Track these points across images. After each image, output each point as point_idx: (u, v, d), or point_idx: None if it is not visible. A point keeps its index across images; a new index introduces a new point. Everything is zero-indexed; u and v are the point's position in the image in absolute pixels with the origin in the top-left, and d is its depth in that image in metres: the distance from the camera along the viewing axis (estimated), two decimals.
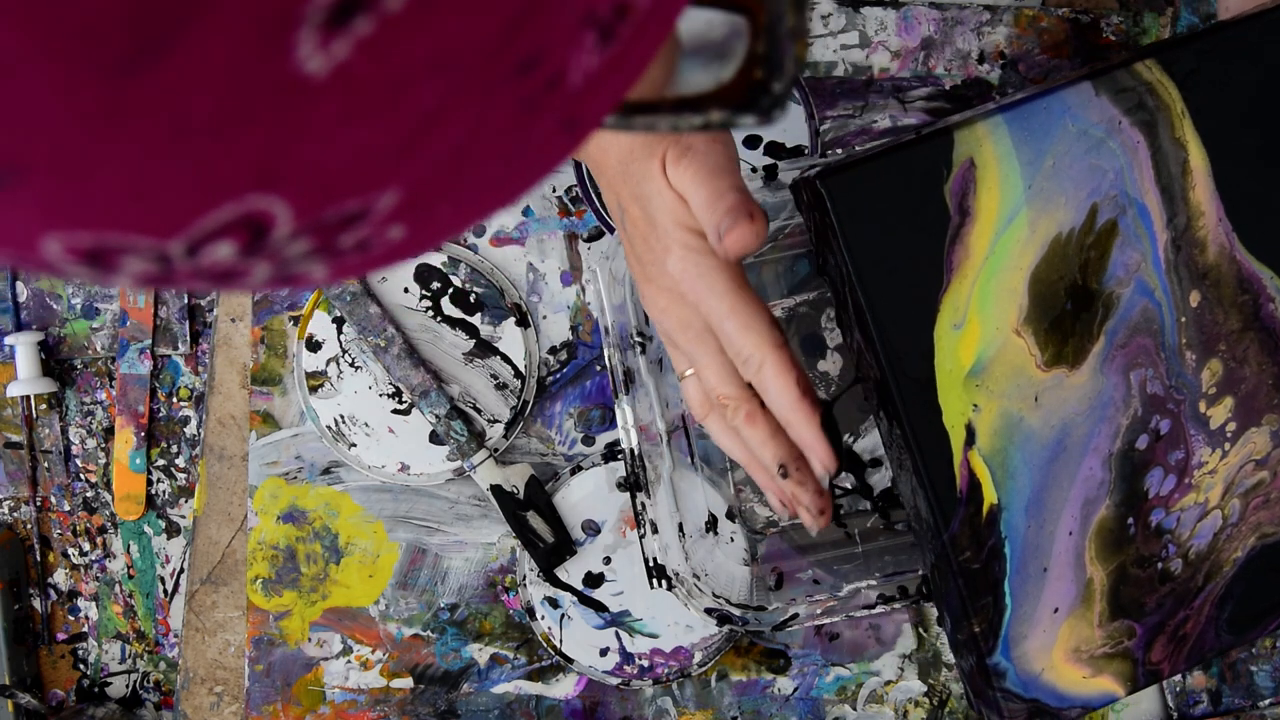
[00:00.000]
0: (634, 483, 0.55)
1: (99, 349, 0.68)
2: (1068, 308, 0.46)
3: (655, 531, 0.55)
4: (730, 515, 0.61)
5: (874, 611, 0.55)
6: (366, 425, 0.62)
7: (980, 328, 0.45)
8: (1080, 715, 0.48)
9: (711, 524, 0.60)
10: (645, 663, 0.62)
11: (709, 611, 0.55)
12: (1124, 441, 0.46)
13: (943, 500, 0.45)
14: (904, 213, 0.45)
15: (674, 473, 0.58)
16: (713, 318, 0.44)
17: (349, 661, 0.63)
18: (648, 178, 0.44)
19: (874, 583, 0.55)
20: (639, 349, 0.56)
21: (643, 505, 0.55)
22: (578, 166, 0.62)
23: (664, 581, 0.54)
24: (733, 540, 0.61)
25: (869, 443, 0.61)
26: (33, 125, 0.14)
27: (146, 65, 0.14)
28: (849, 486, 0.61)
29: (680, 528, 0.57)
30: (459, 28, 0.15)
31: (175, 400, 0.68)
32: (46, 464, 0.68)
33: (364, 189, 0.17)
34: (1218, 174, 0.46)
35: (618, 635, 0.62)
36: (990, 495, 0.45)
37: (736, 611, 0.55)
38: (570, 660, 0.62)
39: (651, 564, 0.55)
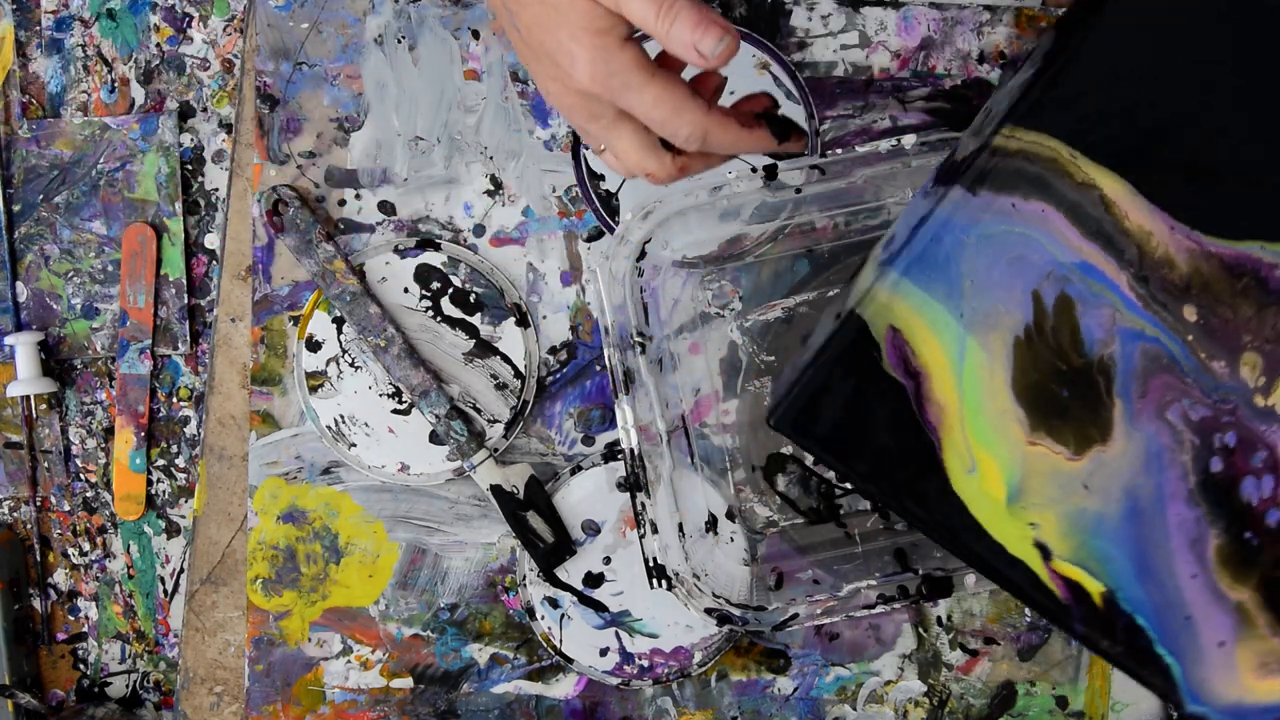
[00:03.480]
0: (634, 483, 0.55)
1: (99, 349, 0.68)
2: (1065, 395, 0.45)
3: (655, 531, 0.55)
4: (730, 515, 0.61)
5: (874, 611, 0.55)
6: (366, 425, 0.62)
7: (993, 461, 0.45)
8: None
9: (711, 524, 0.60)
10: (645, 663, 0.62)
11: (709, 611, 0.55)
12: (1197, 474, 0.45)
13: (1055, 614, 0.45)
14: (861, 406, 0.45)
15: (674, 473, 0.58)
16: (636, 110, 0.44)
17: (349, 661, 0.63)
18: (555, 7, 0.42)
19: (874, 583, 0.55)
20: (639, 349, 0.56)
21: (643, 505, 0.55)
22: (577, 166, 0.62)
23: (664, 581, 0.54)
24: (733, 540, 0.61)
25: None
26: None
27: None
28: (849, 487, 0.61)
29: (680, 528, 0.57)
30: None
31: (175, 400, 0.68)
32: (46, 464, 0.68)
33: None
34: (1141, 187, 0.44)
35: (618, 635, 0.62)
36: (1095, 587, 0.45)
37: (736, 611, 0.55)
38: (570, 660, 0.62)
39: (651, 564, 0.55)
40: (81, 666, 0.69)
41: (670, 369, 0.61)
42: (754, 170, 0.55)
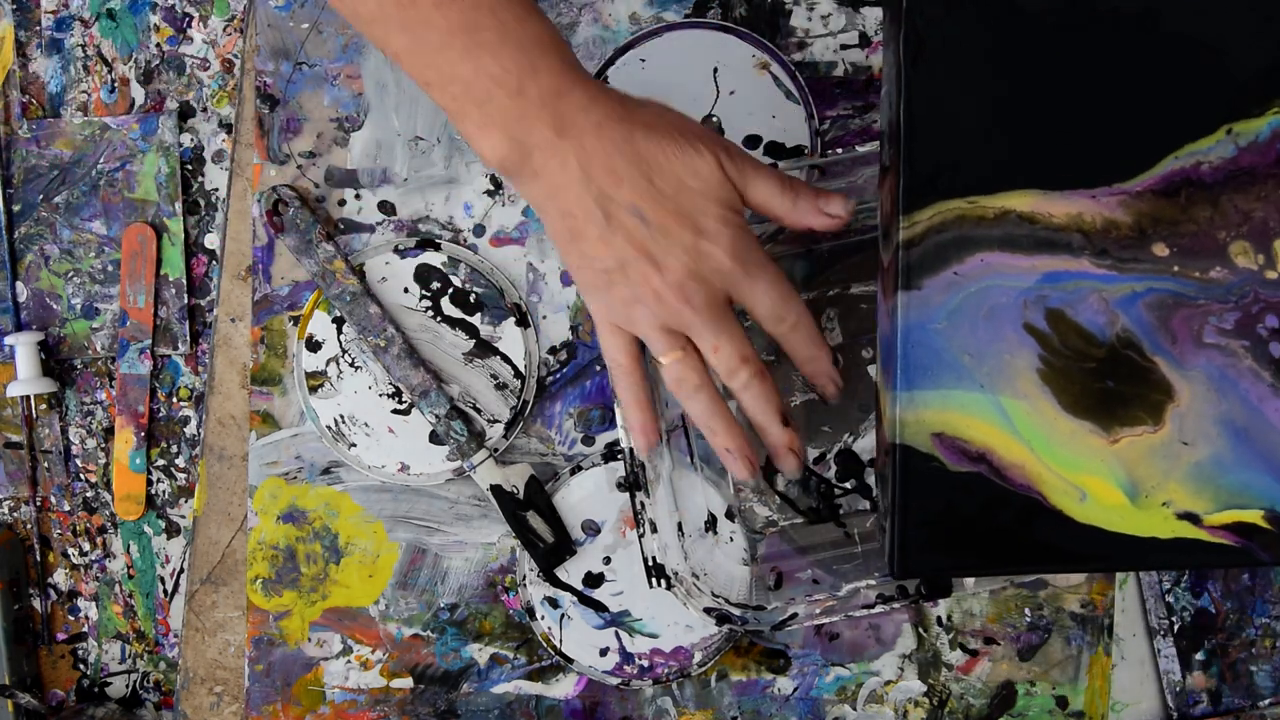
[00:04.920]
0: (634, 483, 0.55)
1: (99, 349, 0.68)
2: (1111, 385, 0.46)
3: (655, 531, 0.55)
4: (729, 515, 0.61)
5: (874, 611, 0.55)
6: (366, 425, 0.62)
7: (1094, 478, 0.46)
8: None
9: (711, 524, 0.60)
10: (645, 663, 0.62)
11: (708, 611, 0.55)
12: (1267, 367, 0.46)
13: (1237, 559, 0.47)
14: (957, 513, 0.46)
15: (673, 472, 0.58)
16: (760, 284, 0.49)
17: (349, 661, 0.63)
18: (695, 173, 0.47)
19: (874, 583, 0.55)
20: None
21: (642, 505, 0.55)
22: None
23: (663, 581, 0.54)
24: (732, 540, 0.61)
25: (869, 442, 0.61)
26: None
27: None
28: (849, 487, 0.61)
29: (680, 527, 0.57)
30: None
31: (175, 400, 0.68)
32: (46, 464, 0.68)
33: None
34: (1044, 184, 0.45)
35: (618, 635, 0.62)
36: (1253, 515, 0.46)
37: (736, 611, 0.55)
38: (570, 660, 0.62)
39: (651, 564, 0.55)
40: (81, 666, 0.69)
41: None
42: None
